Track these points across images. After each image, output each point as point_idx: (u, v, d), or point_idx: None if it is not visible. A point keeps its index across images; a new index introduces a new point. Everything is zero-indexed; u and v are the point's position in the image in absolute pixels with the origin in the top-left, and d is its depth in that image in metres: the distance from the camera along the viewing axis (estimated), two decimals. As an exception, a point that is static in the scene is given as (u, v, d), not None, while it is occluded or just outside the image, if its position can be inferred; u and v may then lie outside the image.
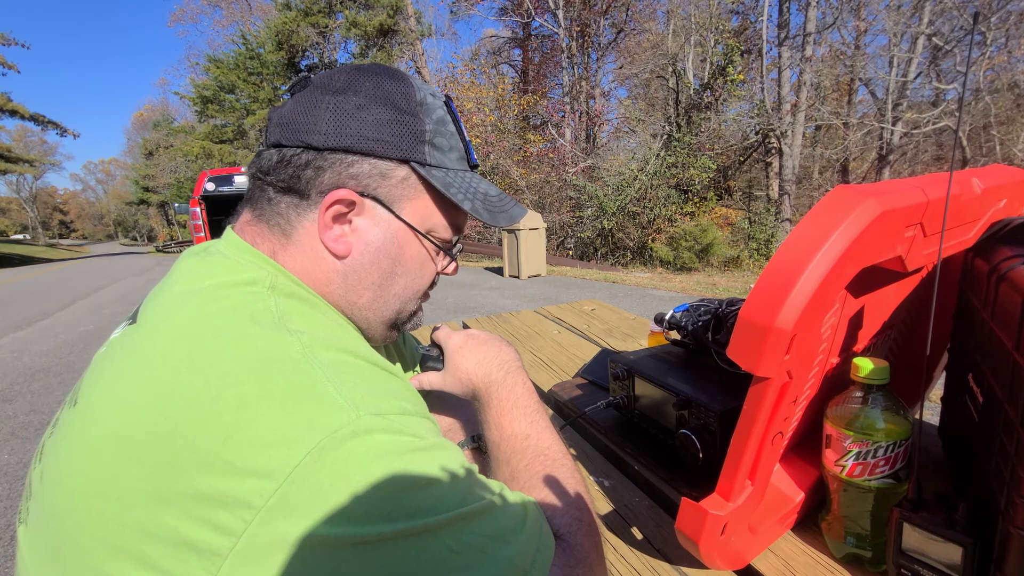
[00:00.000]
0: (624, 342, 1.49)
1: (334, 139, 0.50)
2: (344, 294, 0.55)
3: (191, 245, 0.61)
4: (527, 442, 0.57)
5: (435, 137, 0.54)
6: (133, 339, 0.46)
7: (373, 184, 0.52)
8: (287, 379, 0.40)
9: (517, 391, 0.61)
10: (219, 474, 0.35)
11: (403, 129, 0.52)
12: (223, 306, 0.45)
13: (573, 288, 6.98)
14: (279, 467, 0.35)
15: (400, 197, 0.54)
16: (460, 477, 0.42)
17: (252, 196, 0.55)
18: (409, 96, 0.53)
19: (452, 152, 0.56)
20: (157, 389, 0.39)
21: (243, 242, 0.53)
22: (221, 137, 20.46)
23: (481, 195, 0.58)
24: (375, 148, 0.51)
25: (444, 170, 0.55)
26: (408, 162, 0.53)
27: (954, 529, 0.50)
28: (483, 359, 0.63)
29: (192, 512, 0.35)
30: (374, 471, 0.37)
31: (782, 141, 12.93)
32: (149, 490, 0.36)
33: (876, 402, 0.58)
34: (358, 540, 0.35)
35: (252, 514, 0.34)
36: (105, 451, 0.38)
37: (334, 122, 0.50)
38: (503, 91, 16.09)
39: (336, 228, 0.52)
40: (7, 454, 2.70)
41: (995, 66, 11.88)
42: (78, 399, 0.45)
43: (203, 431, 0.37)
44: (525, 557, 0.41)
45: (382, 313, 0.58)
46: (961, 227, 0.66)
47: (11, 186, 62.49)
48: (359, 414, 0.39)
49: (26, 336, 5.58)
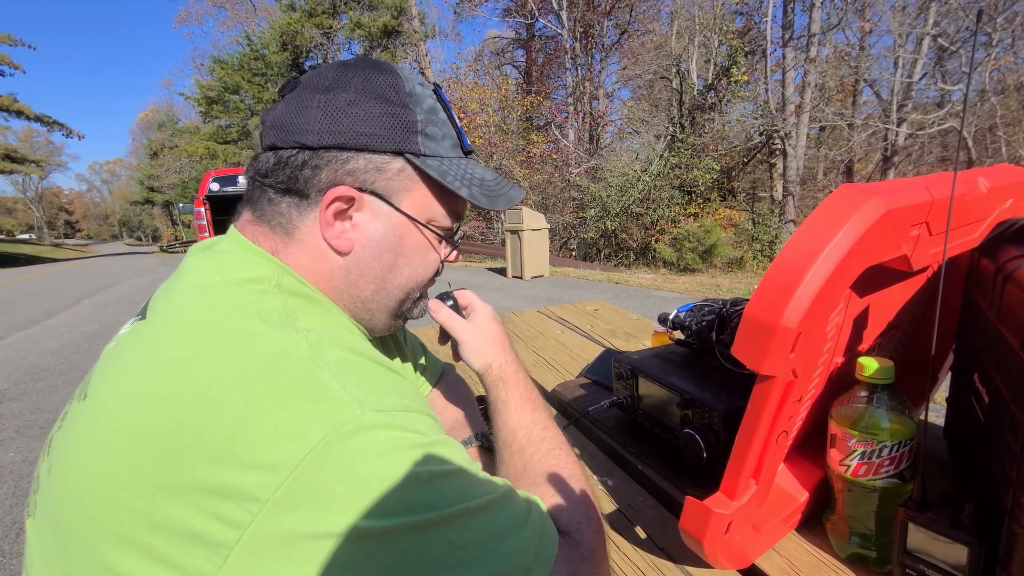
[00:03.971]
0: (628, 342, 1.49)
1: (328, 137, 0.50)
2: (347, 288, 0.55)
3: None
4: (544, 433, 0.58)
5: (427, 127, 0.54)
6: (142, 334, 0.46)
7: (370, 179, 0.52)
8: (294, 376, 0.40)
9: (530, 384, 0.64)
10: (226, 467, 0.36)
11: (395, 121, 0.52)
12: (231, 303, 0.46)
13: (576, 289, 6.97)
14: (285, 461, 0.36)
15: (398, 189, 0.54)
16: (463, 473, 0.42)
17: (252, 197, 0.55)
18: (398, 88, 0.53)
19: (445, 140, 0.56)
20: (165, 384, 0.40)
21: (247, 240, 0.53)
22: (225, 138, 20.56)
23: (478, 180, 0.58)
24: (369, 143, 0.51)
25: (439, 159, 0.55)
26: (402, 154, 0.53)
27: (959, 529, 0.50)
28: (507, 341, 0.67)
29: (199, 504, 0.35)
30: (378, 466, 0.38)
31: (786, 142, 12.90)
32: (156, 482, 0.36)
33: (881, 402, 0.57)
34: (362, 534, 0.35)
35: (258, 507, 0.35)
36: (113, 444, 0.39)
37: (326, 120, 0.50)
38: (506, 92, 16.09)
39: (337, 225, 0.53)
40: (12, 452, 2.72)
41: (1001, 67, 11.83)
42: (88, 393, 0.45)
43: (210, 425, 0.37)
44: (527, 554, 0.41)
45: (386, 304, 0.58)
46: (967, 226, 0.66)
47: (17, 186, 62.92)
48: (364, 410, 0.39)
49: (31, 335, 5.61)
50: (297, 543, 0.35)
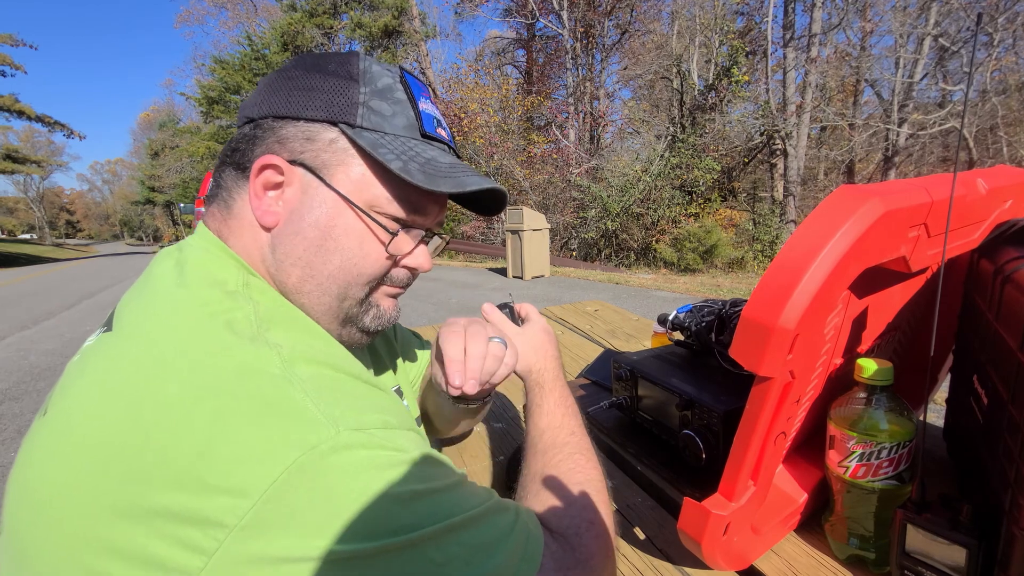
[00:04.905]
0: (627, 343, 1.49)
1: (266, 107, 0.51)
2: (275, 273, 0.52)
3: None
4: (570, 438, 0.59)
5: (372, 100, 0.51)
6: (107, 346, 0.44)
7: (299, 148, 0.50)
8: (264, 394, 0.38)
9: (567, 392, 0.66)
10: (190, 492, 0.34)
11: (334, 92, 0.50)
12: (200, 313, 0.44)
13: (576, 289, 6.97)
14: (254, 485, 0.34)
15: (328, 163, 0.50)
16: (445, 489, 0.41)
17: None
18: (348, 64, 0.52)
19: (396, 118, 0.52)
20: (130, 399, 0.38)
21: (207, 231, 0.53)
22: (226, 138, 20.48)
23: (422, 159, 0.51)
24: (301, 111, 0.50)
25: (379, 133, 0.51)
26: (336, 124, 0.50)
27: (958, 531, 0.50)
28: (553, 351, 0.70)
29: (162, 530, 0.34)
30: (354, 487, 0.36)
31: (787, 142, 12.89)
32: (118, 506, 0.34)
33: (880, 403, 0.57)
34: (338, 557, 0.34)
35: (224, 533, 0.33)
36: (74, 462, 0.37)
37: (267, 92, 0.52)
38: (507, 92, 16.09)
39: (267, 198, 0.51)
40: (13, 452, 2.72)
41: (1002, 67, 11.82)
42: (48, 408, 0.43)
43: (175, 445, 0.35)
44: (509, 566, 0.41)
45: (320, 298, 0.52)
46: (966, 228, 0.66)
47: (18, 186, 63.00)
48: (339, 430, 0.37)
49: (32, 335, 5.62)
50: (267, 568, 0.33)
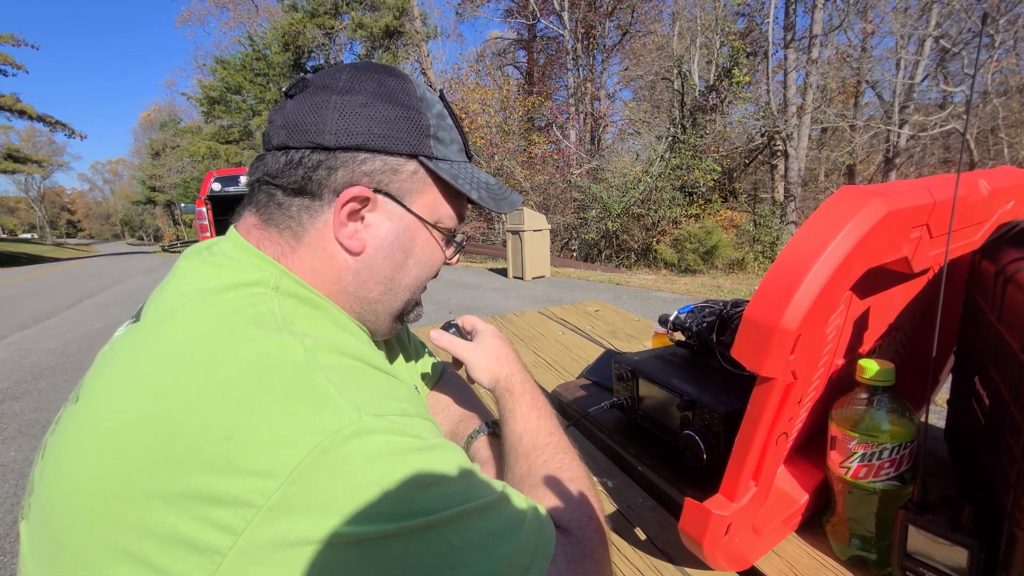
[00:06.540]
0: (628, 343, 1.49)
1: (344, 138, 0.51)
2: (356, 290, 0.56)
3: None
4: (550, 438, 0.59)
5: (438, 131, 0.56)
6: (136, 338, 0.46)
7: (385, 180, 0.53)
8: (289, 381, 0.40)
9: (538, 393, 0.66)
10: (220, 473, 0.35)
11: (409, 124, 0.53)
12: (227, 308, 0.45)
13: (577, 290, 6.97)
14: (280, 467, 0.35)
15: (410, 191, 0.55)
16: (461, 476, 0.42)
17: (256, 200, 0.54)
18: (410, 92, 0.54)
19: (453, 144, 0.58)
20: (159, 389, 0.39)
21: (248, 244, 0.53)
22: (227, 138, 20.60)
23: (484, 184, 0.60)
24: (385, 145, 0.52)
25: (449, 162, 0.57)
26: (416, 156, 0.54)
27: (960, 532, 0.50)
28: (512, 354, 0.70)
29: (192, 511, 0.35)
30: (375, 471, 0.37)
31: (788, 143, 12.89)
32: (149, 489, 0.36)
33: (881, 404, 0.57)
34: (360, 538, 0.35)
35: (253, 513, 0.35)
36: (105, 449, 0.38)
37: (343, 121, 0.51)
38: (508, 92, 16.11)
39: (350, 225, 0.53)
40: (14, 451, 2.72)
41: (1003, 68, 11.80)
42: (80, 396, 0.45)
43: (204, 432, 0.37)
44: (524, 554, 0.42)
45: (391, 305, 0.59)
46: (968, 228, 0.66)
47: (19, 186, 63.09)
48: (360, 415, 0.39)
49: (33, 335, 5.62)
50: (292, 548, 0.35)
